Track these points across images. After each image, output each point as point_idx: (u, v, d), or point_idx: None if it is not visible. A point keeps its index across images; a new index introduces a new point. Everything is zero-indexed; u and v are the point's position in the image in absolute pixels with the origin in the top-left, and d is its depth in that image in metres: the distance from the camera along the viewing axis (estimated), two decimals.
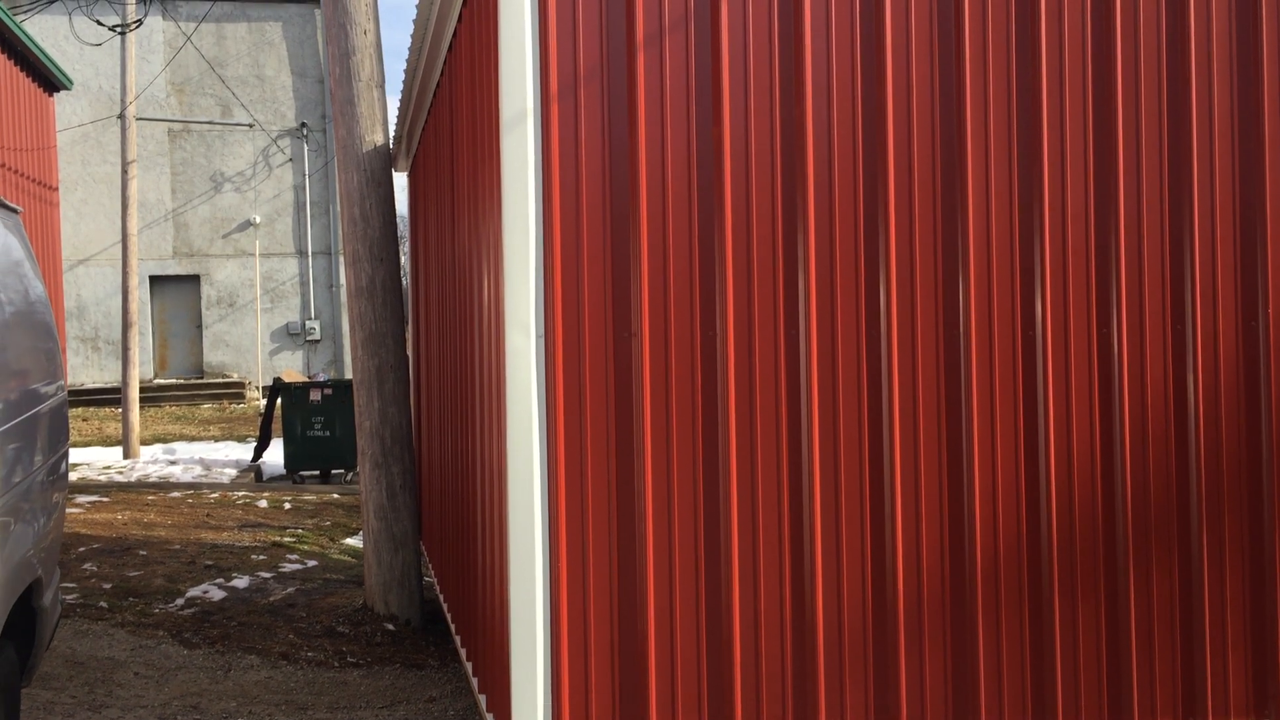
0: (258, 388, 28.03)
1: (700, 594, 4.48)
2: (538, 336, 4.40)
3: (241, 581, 9.53)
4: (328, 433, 15.87)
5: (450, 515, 7.25)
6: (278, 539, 11.48)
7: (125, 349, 18.51)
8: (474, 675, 6.03)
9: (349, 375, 25.99)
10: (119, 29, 18.06)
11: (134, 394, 18.50)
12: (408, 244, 13.00)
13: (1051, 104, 4.69)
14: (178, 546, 10.83)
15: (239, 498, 14.08)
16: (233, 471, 16.91)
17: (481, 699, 5.66)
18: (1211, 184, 4.79)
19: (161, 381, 28.05)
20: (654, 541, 4.45)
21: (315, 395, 15.98)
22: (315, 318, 29.08)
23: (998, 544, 4.66)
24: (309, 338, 29.03)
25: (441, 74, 7.31)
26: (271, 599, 9.03)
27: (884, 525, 4.58)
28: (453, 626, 7.27)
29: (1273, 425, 4.82)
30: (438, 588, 8.61)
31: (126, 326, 18.50)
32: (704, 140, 4.49)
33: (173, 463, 17.62)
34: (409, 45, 7.94)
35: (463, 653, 6.63)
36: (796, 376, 4.54)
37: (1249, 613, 4.79)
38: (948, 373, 4.62)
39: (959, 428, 4.63)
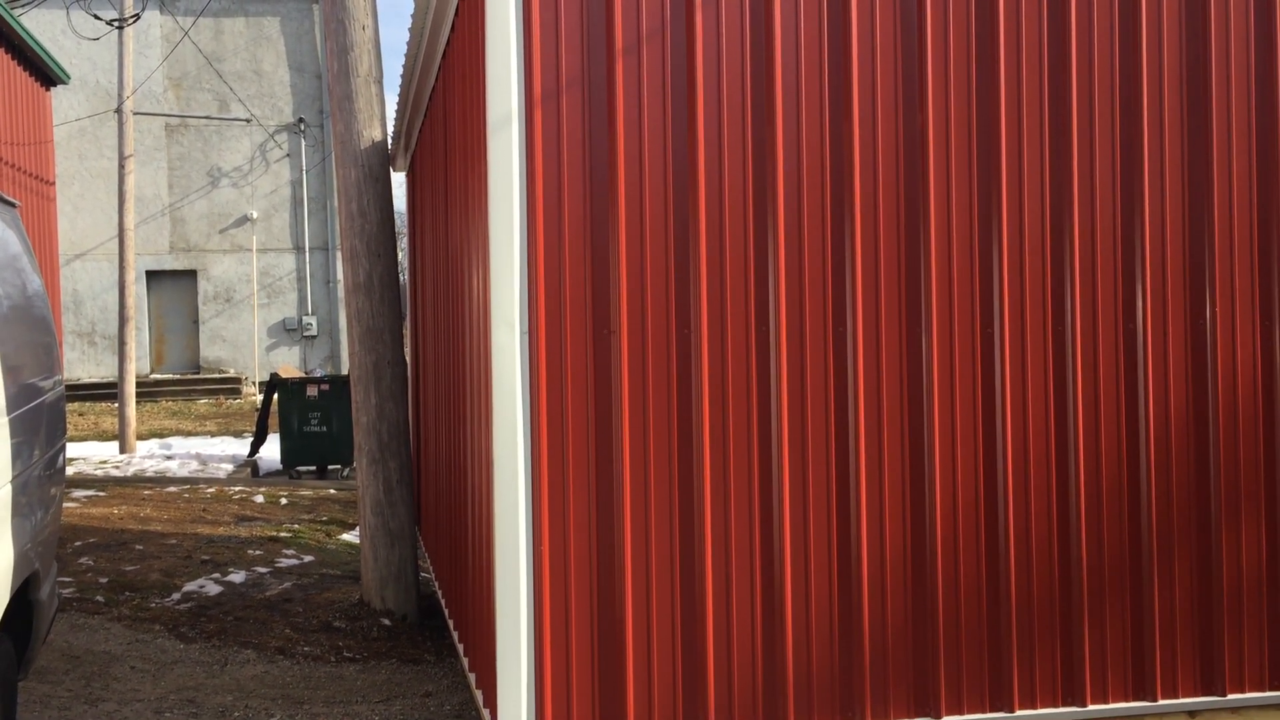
0: (254, 383, 28.04)
1: (675, 577, 4.64)
2: (522, 333, 4.53)
3: (238, 576, 9.54)
4: (324, 428, 15.88)
5: (445, 509, 7.29)
6: (274, 534, 11.49)
7: (122, 344, 18.52)
8: (466, 659, 6.10)
9: (346, 371, 26.01)
10: (116, 23, 18.06)
11: (130, 389, 18.51)
12: (405, 240, 13.02)
13: (1010, 121, 4.90)
14: (174, 541, 10.84)
15: (235, 493, 14.09)
16: (229, 467, 16.92)
17: (472, 680, 5.74)
18: (1162, 189, 5.02)
19: (158, 377, 28.05)
20: (631, 527, 4.60)
21: (312, 391, 15.99)
22: (312, 313, 29.09)
23: (957, 538, 4.85)
24: (306, 333, 29.04)
25: (436, 79, 7.41)
26: (268, 594, 9.05)
27: (849, 518, 4.77)
28: (450, 620, 7.30)
29: (1220, 429, 5.07)
30: (435, 583, 8.63)
31: (123, 321, 18.50)
32: (679, 143, 4.65)
33: (169, 458, 17.63)
34: (405, 46, 7.98)
35: (459, 646, 6.67)
36: (767, 371, 4.71)
37: (1197, 598, 5.04)
38: (909, 368, 4.82)
39: (920, 422, 4.83)
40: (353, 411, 8.65)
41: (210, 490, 14.29)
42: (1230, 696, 5.01)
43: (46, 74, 18.51)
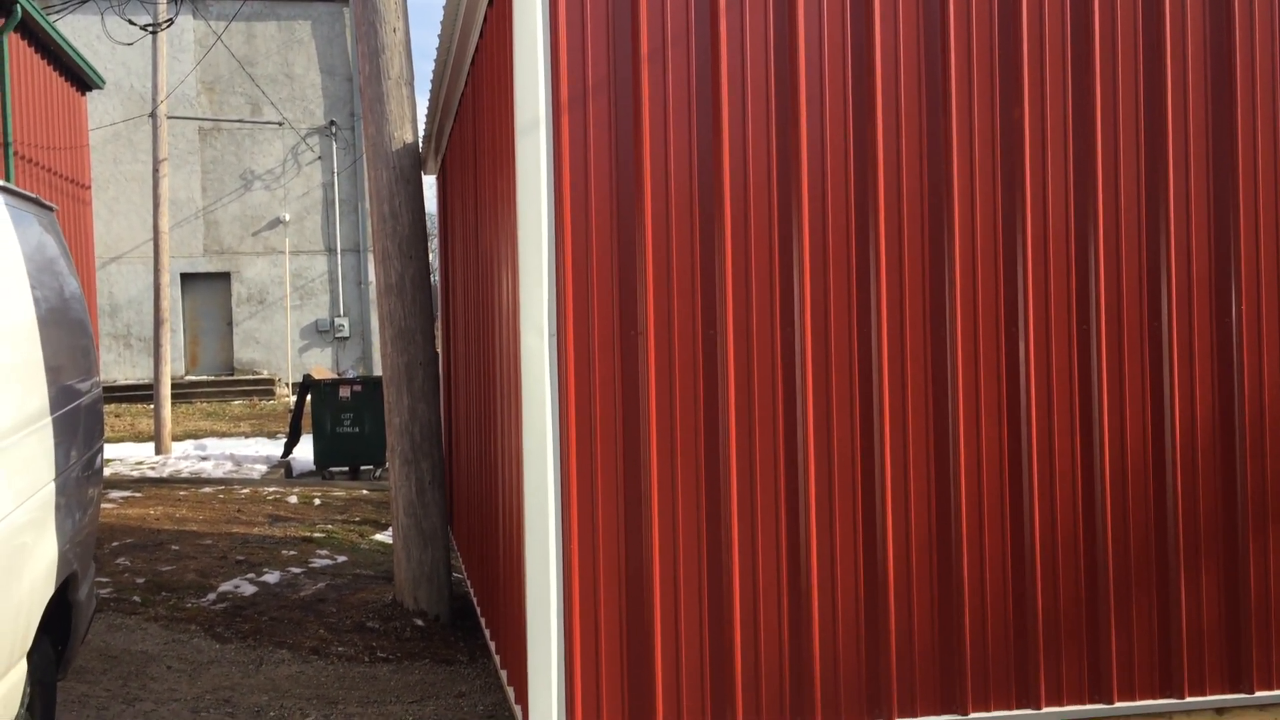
0: (287, 384, 28.23)
1: (703, 576, 4.68)
2: (550, 335, 4.58)
3: (272, 576, 9.62)
4: (357, 429, 15.97)
5: (477, 510, 7.34)
6: (308, 534, 11.57)
7: (157, 346, 18.68)
8: (497, 656, 6.16)
9: (378, 372, 26.12)
10: (150, 28, 18.23)
11: (166, 390, 18.67)
12: (436, 242, 13.09)
13: (1033, 121, 4.91)
14: (209, 541, 10.94)
15: (269, 493, 14.20)
16: (263, 467, 17.04)
17: (504, 677, 5.79)
18: (1187, 186, 5.02)
19: (193, 378, 28.29)
20: (659, 527, 4.64)
21: (344, 392, 16.08)
22: (344, 315, 29.25)
23: (983, 535, 4.87)
24: (338, 335, 29.21)
25: (466, 83, 7.47)
26: (302, 594, 9.11)
27: (875, 518, 4.80)
28: (482, 620, 7.34)
29: (1245, 425, 5.06)
30: (468, 583, 8.67)
31: (158, 324, 18.66)
32: (704, 146, 4.68)
33: (204, 459, 17.77)
34: (436, 51, 8.03)
35: (492, 646, 6.71)
36: (792, 372, 4.74)
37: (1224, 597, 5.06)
38: (934, 368, 4.84)
39: (945, 421, 4.85)
40: (385, 413, 8.70)
41: (245, 491, 14.41)
42: (1258, 694, 5.01)
43: (82, 79, 18.71)
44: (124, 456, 18.17)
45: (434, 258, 28.69)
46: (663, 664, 4.61)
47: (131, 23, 18.33)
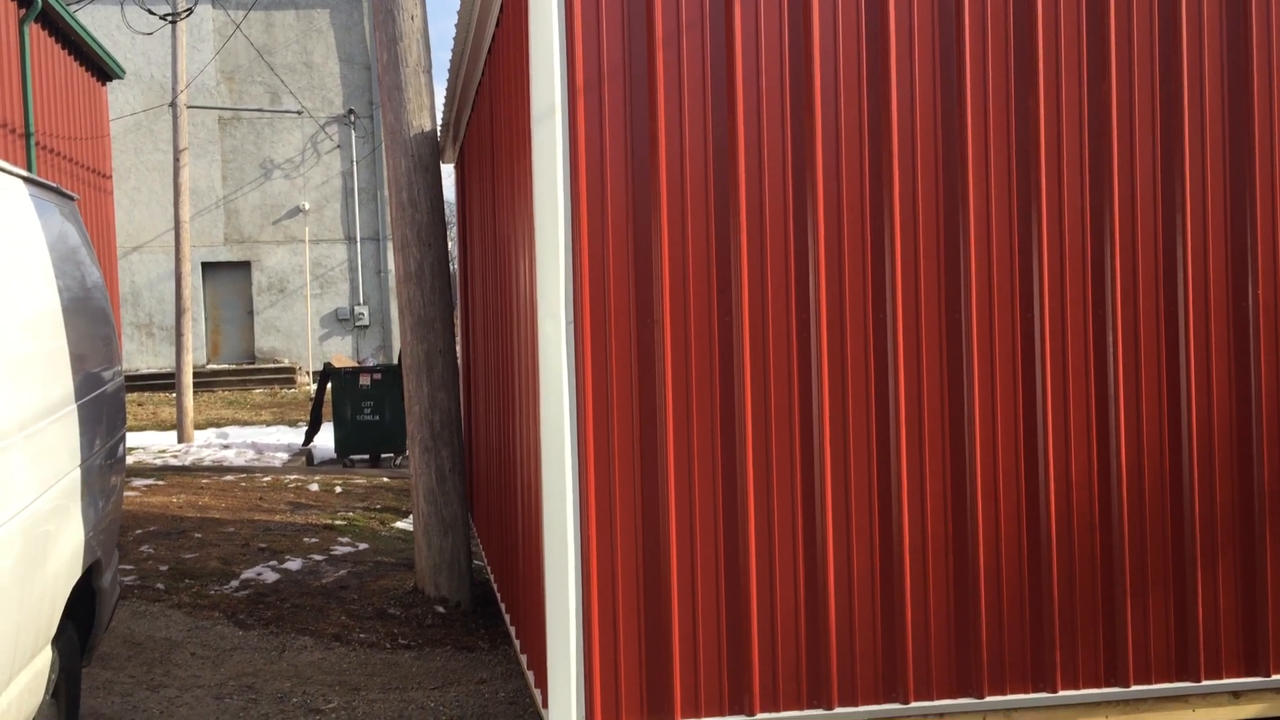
0: (308, 373, 28.33)
1: (719, 561, 4.70)
2: (567, 324, 4.60)
3: (294, 564, 9.66)
4: (377, 417, 16.02)
5: (496, 497, 7.36)
6: (329, 522, 11.62)
7: (179, 335, 18.76)
8: (518, 641, 6.20)
9: (397, 360, 26.15)
10: (169, 18, 18.27)
11: (187, 379, 18.75)
12: (454, 230, 13.11)
13: (1049, 100, 4.89)
14: (232, 529, 10.99)
15: (291, 481, 14.26)
16: (284, 455, 17.11)
17: (524, 661, 5.82)
18: (1203, 171, 5.00)
19: (214, 367, 28.41)
20: (676, 513, 4.66)
21: (365, 380, 16.13)
22: (364, 303, 29.32)
23: (998, 518, 4.87)
24: (358, 323, 29.29)
25: (483, 72, 7.50)
26: (324, 581, 9.16)
27: (890, 504, 4.80)
28: (503, 607, 7.37)
29: (1263, 409, 5.04)
30: (488, 570, 8.70)
31: (180, 313, 18.74)
32: (719, 132, 4.69)
33: (226, 447, 17.85)
34: (453, 42, 8.04)
35: (512, 632, 6.73)
36: (808, 356, 4.75)
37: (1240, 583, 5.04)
38: (949, 352, 4.84)
39: (960, 405, 4.85)
40: (405, 401, 8.72)
41: (266, 479, 14.47)
42: (1275, 677, 5.01)
43: (102, 69, 18.78)
44: (147, 445, 18.27)
45: (453, 246, 28.71)
46: (680, 648, 4.63)
47: (151, 12, 18.38)
